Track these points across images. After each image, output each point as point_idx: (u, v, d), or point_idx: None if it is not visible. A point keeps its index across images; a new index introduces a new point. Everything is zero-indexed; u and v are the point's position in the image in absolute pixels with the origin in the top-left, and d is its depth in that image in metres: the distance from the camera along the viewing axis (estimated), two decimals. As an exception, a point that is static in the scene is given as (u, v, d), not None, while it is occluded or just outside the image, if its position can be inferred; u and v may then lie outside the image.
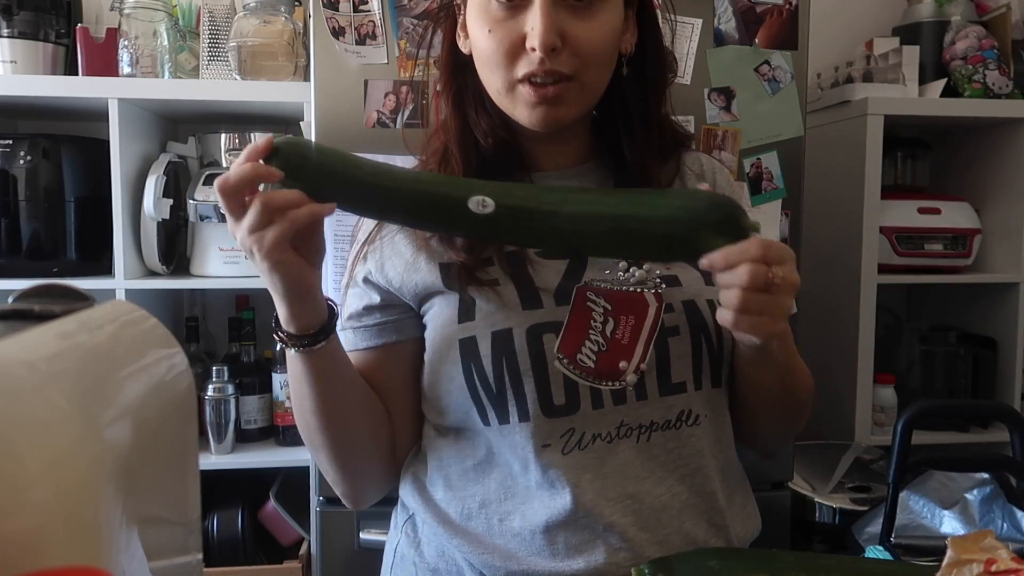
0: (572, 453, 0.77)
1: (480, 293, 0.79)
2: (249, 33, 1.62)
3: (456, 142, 0.83)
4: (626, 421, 0.78)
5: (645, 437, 0.79)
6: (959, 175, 2.04)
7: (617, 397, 0.78)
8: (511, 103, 0.79)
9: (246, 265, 1.68)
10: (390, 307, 0.84)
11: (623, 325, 0.78)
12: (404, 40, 1.39)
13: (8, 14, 1.64)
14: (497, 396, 0.77)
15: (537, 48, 0.73)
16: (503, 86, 0.78)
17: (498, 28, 0.75)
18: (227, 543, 1.67)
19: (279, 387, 1.70)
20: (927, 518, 1.38)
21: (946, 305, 2.08)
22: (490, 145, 0.82)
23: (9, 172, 1.58)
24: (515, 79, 0.76)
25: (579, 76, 0.76)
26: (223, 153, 1.76)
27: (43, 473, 0.24)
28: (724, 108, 1.45)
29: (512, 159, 0.83)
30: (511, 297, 0.78)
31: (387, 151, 1.38)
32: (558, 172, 0.86)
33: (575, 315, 0.78)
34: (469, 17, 0.79)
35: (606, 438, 0.78)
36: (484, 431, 0.80)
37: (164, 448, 0.36)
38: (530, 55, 0.74)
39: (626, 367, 0.78)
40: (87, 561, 0.26)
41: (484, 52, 0.77)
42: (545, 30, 0.73)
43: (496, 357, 0.77)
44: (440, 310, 0.81)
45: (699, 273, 0.82)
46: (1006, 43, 1.87)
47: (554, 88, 0.76)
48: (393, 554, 0.89)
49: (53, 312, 0.32)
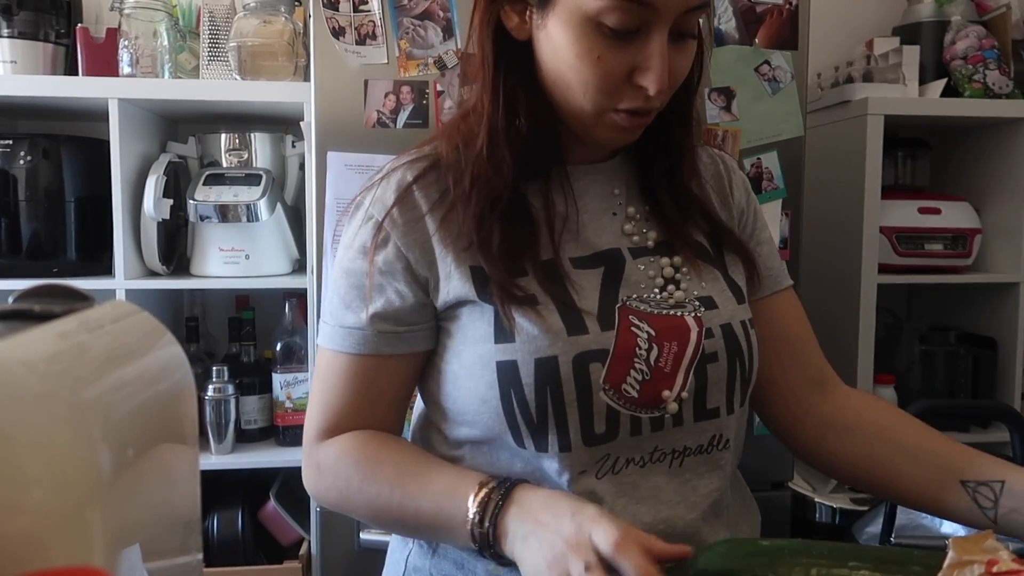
0: (606, 477, 0.76)
1: (520, 312, 0.74)
2: (249, 33, 1.62)
3: (502, 131, 0.77)
4: (660, 446, 0.77)
5: (678, 462, 0.78)
6: (959, 175, 2.04)
7: (655, 424, 0.76)
8: (594, 123, 0.75)
9: (246, 265, 1.68)
10: (423, 307, 0.79)
11: (666, 352, 0.76)
12: (404, 40, 1.39)
13: (8, 14, 1.64)
14: (538, 425, 0.74)
15: (652, 92, 0.71)
16: (595, 110, 0.74)
17: (609, 56, 0.71)
18: (227, 543, 1.67)
19: (279, 387, 1.70)
20: (927, 518, 1.38)
21: (946, 305, 2.08)
22: (535, 136, 0.78)
23: (9, 172, 1.58)
24: (612, 108, 0.74)
25: (663, 104, 0.76)
26: (223, 153, 1.76)
27: (43, 473, 0.24)
28: (724, 108, 1.45)
29: (552, 148, 0.80)
30: (555, 321, 0.74)
31: (387, 151, 1.38)
32: (589, 165, 0.83)
33: (620, 343, 0.75)
34: (563, 23, 0.72)
35: (639, 462, 0.77)
36: (516, 450, 0.77)
37: (164, 448, 0.36)
38: (635, 89, 0.72)
39: (668, 396, 0.76)
40: (87, 561, 0.26)
41: (584, 75, 0.72)
42: (663, 75, 0.70)
43: (539, 386, 0.73)
44: (471, 322, 0.76)
45: (731, 293, 0.82)
46: (1006, 43, 1.87)
47: (647, 118, 0.75)
48: (404, 564, 0.86)
49: (53, 312, 0.32)
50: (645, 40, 0.70)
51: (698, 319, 0.78)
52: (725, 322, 0.79)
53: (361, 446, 0.78)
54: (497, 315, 0.75)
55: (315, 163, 1.40)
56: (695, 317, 0.78)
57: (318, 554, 1.48)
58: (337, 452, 0.78)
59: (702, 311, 0.79)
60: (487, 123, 0.77)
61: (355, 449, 0.78)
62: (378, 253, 0.78)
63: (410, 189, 0.78)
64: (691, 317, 0.78)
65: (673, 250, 0.81)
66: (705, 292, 0.80)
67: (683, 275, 0.80)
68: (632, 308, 0.77)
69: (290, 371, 1.69)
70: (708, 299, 0.80)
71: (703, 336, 0.77)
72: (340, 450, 0.78)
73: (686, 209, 0.84)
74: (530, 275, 0.76)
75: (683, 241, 0.82)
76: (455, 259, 0.76)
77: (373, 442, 0.78)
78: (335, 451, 0.79)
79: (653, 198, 0.83)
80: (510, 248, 0.76)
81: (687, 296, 0.79)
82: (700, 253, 0.82)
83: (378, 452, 0.78)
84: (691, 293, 0.80)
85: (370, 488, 0.76)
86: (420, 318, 0.79)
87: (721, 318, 0.79)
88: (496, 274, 0.75)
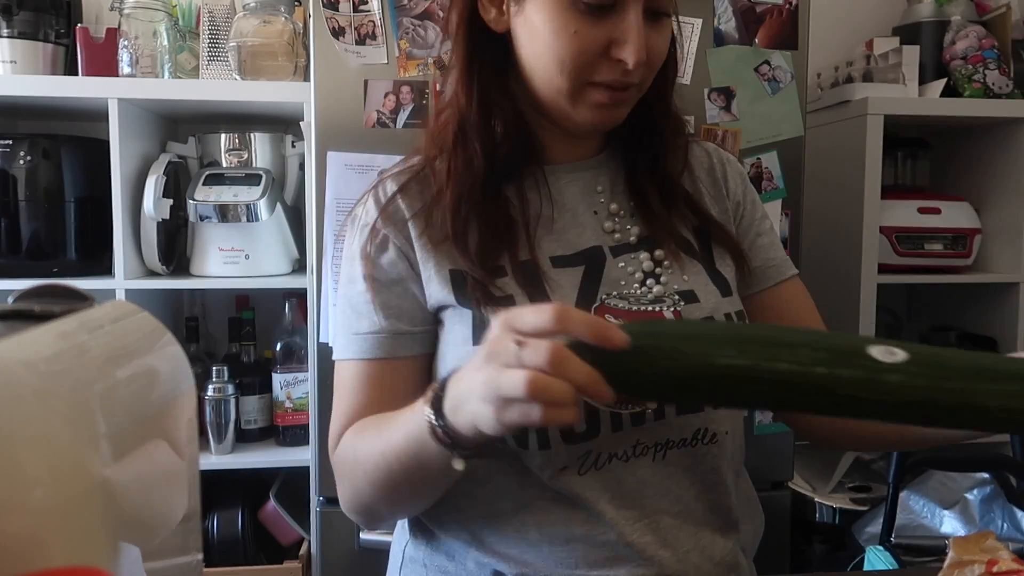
0: (588, 473, 0.76)
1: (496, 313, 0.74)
2: (249, 33, 1.62)
3: (475, 125, 0.78)
4: (642, 440, 0.77)
5: (661, 455, 0.78)
6: (959, 175, 2.04)
7: (636, 419, 0.76)
8: (571, 102, 0.76)
9: (246, 265, 1.68)
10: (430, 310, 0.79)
11: None
12: (404, 40, 1.39)
13: (8, 14, 1.64)
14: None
15: (631, 64, 0.72)
16: (572, 86, 0.75)
17: (585, 31, 0.73)
18: (227, 543, 1.67)
19: (279, 387, 1.70)
20: (927, 518, 1.38)
21: (946, 305, 2.08)
22: (508, 132, 0.79)
23: (9, 172, 1.58)
24: (588, 82, 0.75)
25: (642, 83, 0.77)
26: (223, 153, 1.76)
27: (43, 473, 0.24)
28: (724, 108, 1.45)
29: (527, 149, 0.81)
30: None
31: (387, 151, 1.38)
32: (570, 164, 0.84)
33: None
34: (540, 3, 0.74)
35: (622, 457, 0.77)
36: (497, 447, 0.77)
37: (164, 448, 0.36)
38: (613, 63, 0.73)
39: None
40: (87, 561, 0.26)
41: (560, 51, 0.73)
42: (641, 47, 0.72)
43: None
44: (452, 326, 0.78)
45: (715, 286, 0.81)
46: (1006, 43, 1.87)
47: (625, 93, 0.76)
48: (401, 555, 0.87)
49: (53, 312, 0.32)
50: (621, 15, 0.73)
51: (677, 312, 0.78)
52: (707, 315, 0.79)
53: (354, 430, 0.78)
54: (475, 318, 0.76)
55: (315, 163, 1.40)
56: (674, 311, 0.78)
57: (318, 554, 1.48)
58: (341, 447, 0.79)
59: (682, 305, 0.79)
60: (458, 116, 0.79)
61: (352, 432, 0.79)
62: (379, 256, 0.79)
63: (394, 198, 0.80)
64: (669, 311, 0.78)
65: (655, 244, 0.82)
66: (687, 286, 0.81)
67: (664, 269, 0.81)
68: (609, 307, 0.78)
69: (290, 371, 1.69)
70: (689, 293, 0.80)
71: None
72: (343, 443, 0.79)
73: (672, 202, 0.84)
74: (508, 275, 0.77)
75: (667, 235, 0.82)
76: (435, 264, 0.78)
77: (363, 423, 0.78)
78: (340, 447, 0.80)
79: (639, 193, 0.84)
80: (486, 247, 0.77)
81: (666, 290, 0.80)
82: (684, 247, 0.83)
83: (364, 425, 0.78)
84: (671, 287, 0.80)
85: (361, 455, 0.75)
86: (429, 318, 0.80)
87: (702, 311, 0.79)
88: (474, 272, 0.76)
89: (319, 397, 1.47)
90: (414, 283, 0.79)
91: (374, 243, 0.79)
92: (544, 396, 0.54)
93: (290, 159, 1.80)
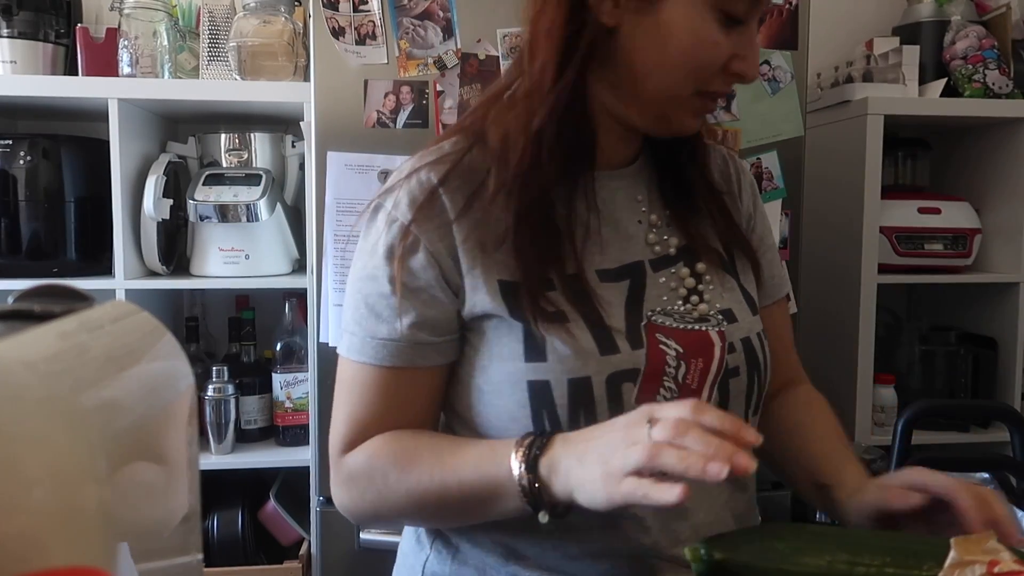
0: None
1: (550, 331, 0.72)
2: (249, 33, 1.62)
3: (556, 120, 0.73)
4: None
5: None
6: (959, 175, 2.04)
7: None
8: (677, 107, 0.75)
9: (246, 265, 1.68)
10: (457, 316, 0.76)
11: (693, 369, 0.76)
12: (404, 40, 1.39)
13: (8, 14, 1.64)
14: None
15: (749, 79, 0.74)
16: (689, 93, 0.74)
17: (723, 42, 0.72)
18: (227, 543, 1.67)
19: (279, 387, 1.70)
20: (927, 518, 1.38)
21: (946, 305, 2.08)
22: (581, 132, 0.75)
23: (9, 172, 1.58)
24: (702, 90, 0.74)
25: None
26: (223, 153, 1.76)
27: (42, 473, 0.24)
28: (724, 108, 1.45)
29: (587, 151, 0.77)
30: (586, 341, 0.72)
31: (387, 151, 1.39)
32: (616, 172, 0.81)
33: (651, 362, 0.74)
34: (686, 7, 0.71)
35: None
36: None
37: (164, 448, 0.36)
38: (727, 76, 0.74)
39: None
40: (87, 561, 0.26)
41: (696, 58, 0.72)
42: (757, 63, 0.74)
43: (573, 406, 0.72)
44: (497, 337, 0.74)
45: (747, 304, 0.82)
46: (1006, 43, 1.87)
47: (716, 103, 0.78)
48: (422, 571, 0.83)
49: (53, 312, 0.32)
50: (745, 29, 0.73)
51: (721, 333, 0.78)
52: (744, 336, 0.79)
53: (395, 440, 0.75)
54: (527, 332, 0.73)
55: (315, 163, 1.40)
56: (718, 332, 0.78)
57: (318, 554, 1.48)
58: (369, 455, 0.75)
59: (725, 325, 0.78)
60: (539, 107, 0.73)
61: (390, 444, 0.75)
62: (408, 259, 0.74)
63: (436, 192, 0.74)
64: (715, 332, 0.77)
65: (695, 256, 0.80)
66: (726, 304, 0.80)
67: (705, 284, 0.80)
68: (658, 325, 0.76)
69: (290, 371, 1.69)
70: (729, 312, 0.80)
71: (726, 351, 0.77)
72: (372, 452, 0.75)
73: (703, 206, 0.83)
74: (557, 289, 0.73)
75: (704, 246, 0.81)
76: (483, 271, 0.73)
77: (406, 435, 0.76)
78: (366, 455, 0.75)
79: (672, 201, 0.83)
80: (539, 257, 0.73)
81: (710, 308, 0.79)
82: (719, 260, 0.82)
83: (414, 440, 0.75)
84: (714, 305, 0.79)
85: (410, 477, 0.72)
86: (454, 327, 0.76)
87: (741, 331, 0.79)
88: (528, 284, 0.72)
89: (319, 397, 1.47)
90: (443, 290, 0.74)
91: (404, 244, 0.74)
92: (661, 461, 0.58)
93: (290, 159, 1.80)
